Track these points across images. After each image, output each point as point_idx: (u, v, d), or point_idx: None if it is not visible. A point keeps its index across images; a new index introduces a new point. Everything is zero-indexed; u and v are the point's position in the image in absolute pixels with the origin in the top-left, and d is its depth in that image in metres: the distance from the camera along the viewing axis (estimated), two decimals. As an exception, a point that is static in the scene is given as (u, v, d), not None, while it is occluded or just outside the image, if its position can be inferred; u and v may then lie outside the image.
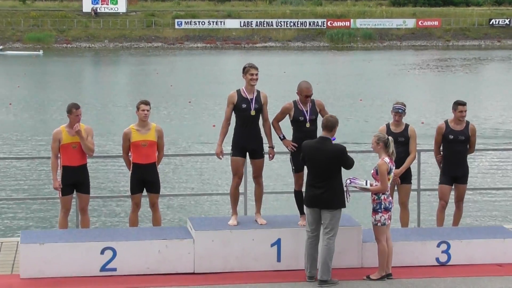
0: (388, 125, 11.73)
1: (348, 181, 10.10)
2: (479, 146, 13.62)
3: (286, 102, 10.87)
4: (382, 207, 9.99)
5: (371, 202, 10.08)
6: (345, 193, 10.08)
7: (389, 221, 10.05)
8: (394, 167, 10.19)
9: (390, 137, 10.19)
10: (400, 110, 11.65)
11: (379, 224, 10.01)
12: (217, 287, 9.81)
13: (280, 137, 10.69)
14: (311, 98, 10.66)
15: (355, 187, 10.12)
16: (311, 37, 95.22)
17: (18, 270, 10.14)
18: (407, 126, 11.72)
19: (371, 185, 10.03)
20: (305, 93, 10.57)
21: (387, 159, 10.01)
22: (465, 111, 11.84)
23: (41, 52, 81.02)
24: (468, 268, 10.54)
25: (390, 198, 10.12)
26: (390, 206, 10.06)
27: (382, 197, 10.00)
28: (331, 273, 9.89)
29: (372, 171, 10.17)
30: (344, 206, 9.98)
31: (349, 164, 9.93)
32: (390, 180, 10.09)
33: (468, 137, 11.84)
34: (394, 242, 10.29)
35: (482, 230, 11.68)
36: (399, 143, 11.29)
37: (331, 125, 9.95)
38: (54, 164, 11.30)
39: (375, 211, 10.02)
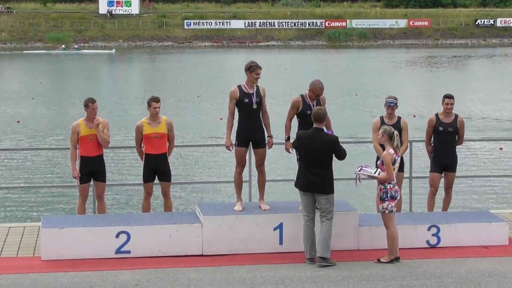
0: (381, 118, 11.69)
1: (358, 168, 10.08)
2: (467, 137, 13.56)
3: (294, 96, 10.84)
4: (388, 196, 9.94)
5: (378, 191, 10.04)
6: (355, 180, 10.10)
7: (395, 208, 10.01)
8: (399, 158, 10.13)
9: (395, 131, 10.12)
10: (392, 104, 11.60)
11: (386, 211, 9.96)
12: (224, 268, 9.78)
13: (285, 137, 10.68)
14: None
15: (364, 174, 10.08)
16: (310, 37, 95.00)
17: (39, 253, 10.14)
18: (399, 118, 11.68)
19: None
20: (317, 92, 10.57)
21: (391, 151, 9.96)
22: (451, 103, 11.81)
23: (113, 51, 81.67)
24: (456, 250, 10.52)
25: (396, 187, 10.04)
26: (396, 194, 9.99)
27: (388, 187, 9.93)
28: (330, 251, 9.87)
29: (378, 162, 10.16)
30: (333, 192, 9.94)
31: (341, 154, 9.91)
32: (395, 170, 10.02)
33: (457, 129, 11.83)
34: (388, 226, 10.24)
35: (469, 214, 11.64)
36: (393, 134, 11.24)
37: (321, 117, 9.91)
38: (73, 154, 11.29)
39: (382, 200, 9.96)
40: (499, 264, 9.99)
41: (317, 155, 9.82)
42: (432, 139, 11.96)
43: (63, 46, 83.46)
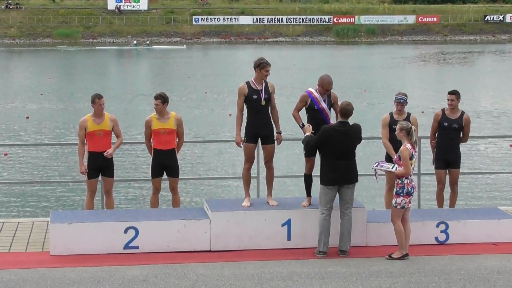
0: (391, 114, 11.66)
1: (376, 164, 10.07)
2: (475, 134, 13.51)
3: (305, 91, 10.82)
4: (404, 191, 9.90)
5: (395, 186, 10.02)
6: (374, 175, 10.21)
7: (409, 204, 9.97)
8: (416, 154, 10.10)
9: (413, 127, 10.08)
10: (402, 100, 11.57)
11: (398, 206, 9.92)
12: (232, 264, 9.78)
13: (300, 126, 10.62)
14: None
15: (381, 169, 10.07)
16: (318, 33, 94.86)
17: (48, 248, 10.16)
18: (409, 114, 11.64)
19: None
20: (326, 87, 10.54)
21: (409, 146, 9.93)
22: (452, 100, 11.75)
23: (184, 46, 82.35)
24: (465, 247, 10.50)
25: (413, 183, 10.00)
26: (412, 191, 9.95)
27: (405, 182, 9.90)
28: None
29: (395, 157, 10.13)
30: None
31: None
32: (413, 166, 9.99)
33: (462, 126, 11.77)
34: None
35: (478, 211, 11.61)
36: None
37: (349, 114, 10.06)
38: (81, 150, 11.32)
39: (397, 194, 9.93)
40: (509, 261, 9.95)
41: (348, 147, 9.99)
42: (437, 134, 11.92)
43: (135, 42, 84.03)
